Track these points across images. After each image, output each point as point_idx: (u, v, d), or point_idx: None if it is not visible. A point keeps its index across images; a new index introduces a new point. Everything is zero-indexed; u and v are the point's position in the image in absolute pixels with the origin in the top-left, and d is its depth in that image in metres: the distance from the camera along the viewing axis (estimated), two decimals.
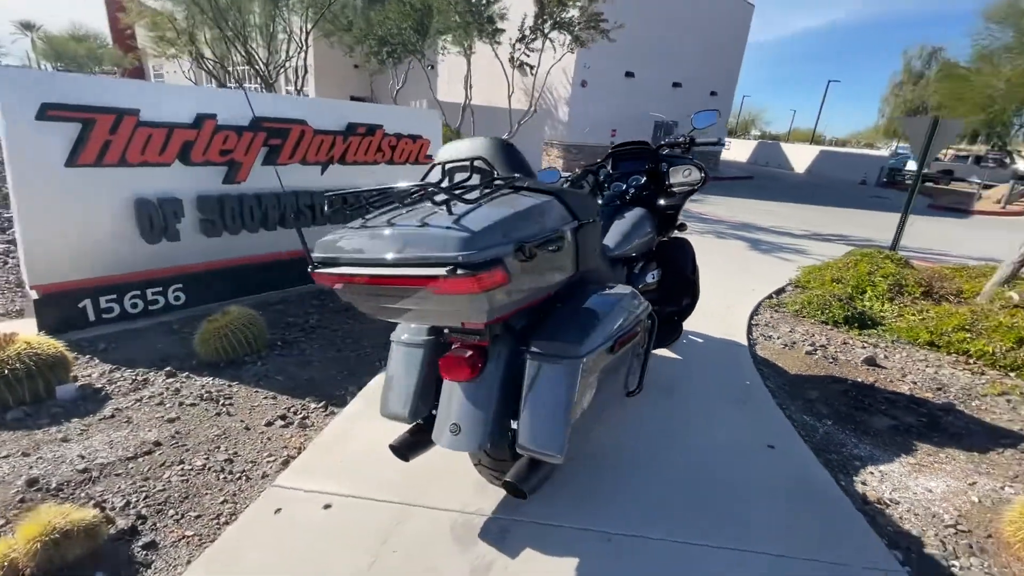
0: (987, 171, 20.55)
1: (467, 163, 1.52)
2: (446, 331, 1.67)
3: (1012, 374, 3.21)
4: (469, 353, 1.52)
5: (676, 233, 2.95)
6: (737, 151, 29.01)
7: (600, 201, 2.74)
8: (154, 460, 2.02)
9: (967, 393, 2.98)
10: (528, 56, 9.48)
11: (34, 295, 2.94)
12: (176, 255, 3.44)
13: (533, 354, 1.48)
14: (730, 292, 4.54)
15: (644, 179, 2.77)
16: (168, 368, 2.67)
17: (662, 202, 2.73)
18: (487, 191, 1.45)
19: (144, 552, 1.63)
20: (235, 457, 2.09)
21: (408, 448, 1.71)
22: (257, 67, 11.18)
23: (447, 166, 1.59)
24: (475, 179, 1.54)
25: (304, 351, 3.03)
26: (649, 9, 15.29)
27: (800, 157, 25.90)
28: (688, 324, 3.05)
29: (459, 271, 1.15)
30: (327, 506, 1.79)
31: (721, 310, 4.00)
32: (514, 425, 1.59)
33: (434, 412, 1.74)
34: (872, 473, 2.21)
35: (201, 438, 2.18)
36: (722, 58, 18.62)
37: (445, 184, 1.42)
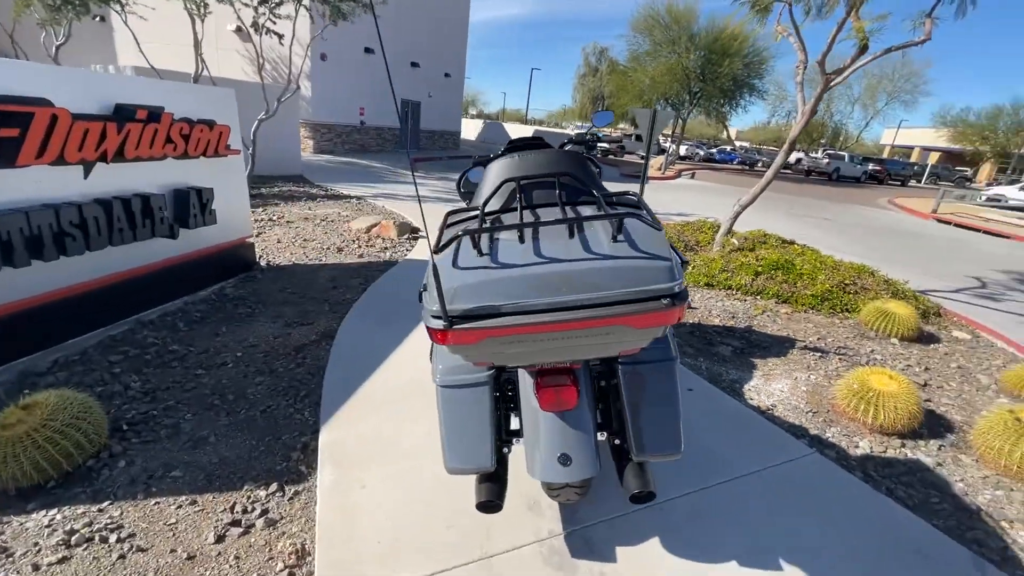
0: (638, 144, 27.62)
1: (552, 179, 1.41)
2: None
3: (758, 297, 4.65)
4: (570, 381, 1.46)
5: None
6: (467, 130, 31.39)
7: None
8: None
9: (748, 316, 4.20)
10: (275, 23, 8.18)
11: None
12: None
13: (629, 365, 1.52)
14: None
15: None
16: None
17: None
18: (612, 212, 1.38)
19: None
20: None
21: (498, 498, 1.54)
22: None
23: (522, 183, 1.43)
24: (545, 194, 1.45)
25: (177, 427, 2.21)
26: None
27: (519, 135, 29.74)
28: None
29: (675, 302, 1.12)
30: None
31: None
32: (600, 437, 1.62)
33: (505, 451, 1.61)
34: (749, 389, 2.98)
35: None
36: (450, 39, 19.61)
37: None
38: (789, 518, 1.93)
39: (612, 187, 1.70)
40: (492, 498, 1.52)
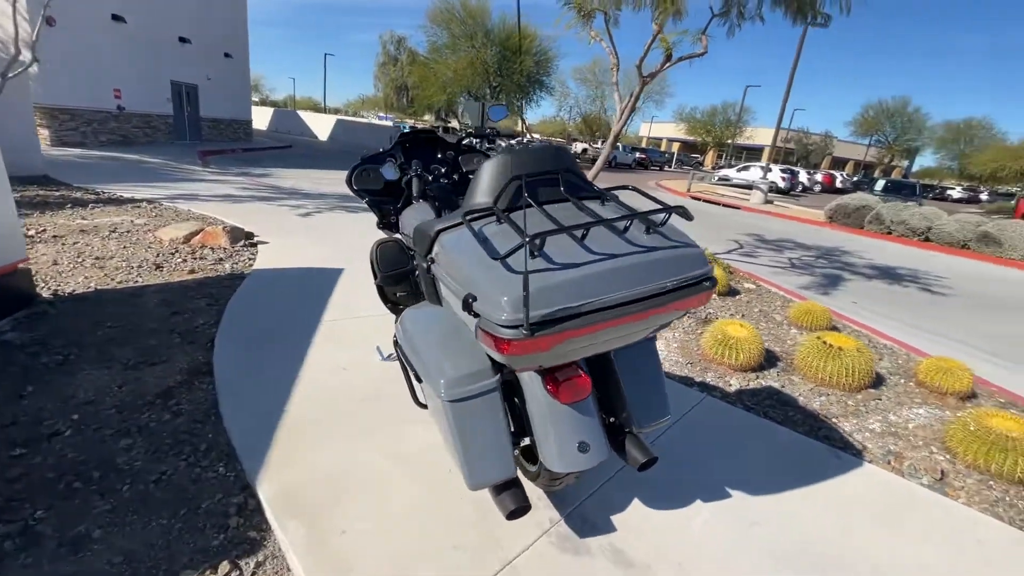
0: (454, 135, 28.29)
1: (555, 176, 1.41)
2: None
3: None
4: (582, 371, 1.51)
5: None
6: (256, 119, 27.84)
7: (431, 193, 2.63)
8: None
9: None
10: None
11: None
12: None
13: (623, 347, 1.63)
14: None
15: (445, 169, 2.83)
16: None
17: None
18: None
19: None
20: None
21: (526, 500, 1.51)
22: None
23: (525, 179, 1.39)
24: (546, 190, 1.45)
25: (29, 531, 1.58)
26: None
27: (319, 125, 27.53)
28: None
29: (713, 284, 1.24)
30: None
31: None
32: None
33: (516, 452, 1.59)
34: None
35: None
36: (225, 11, 16.96)
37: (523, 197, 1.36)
38: (712, 454, 2.31)
39: None
40: (522, 503, 1.49)
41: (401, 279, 2.81)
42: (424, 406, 1.93)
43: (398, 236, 2.83)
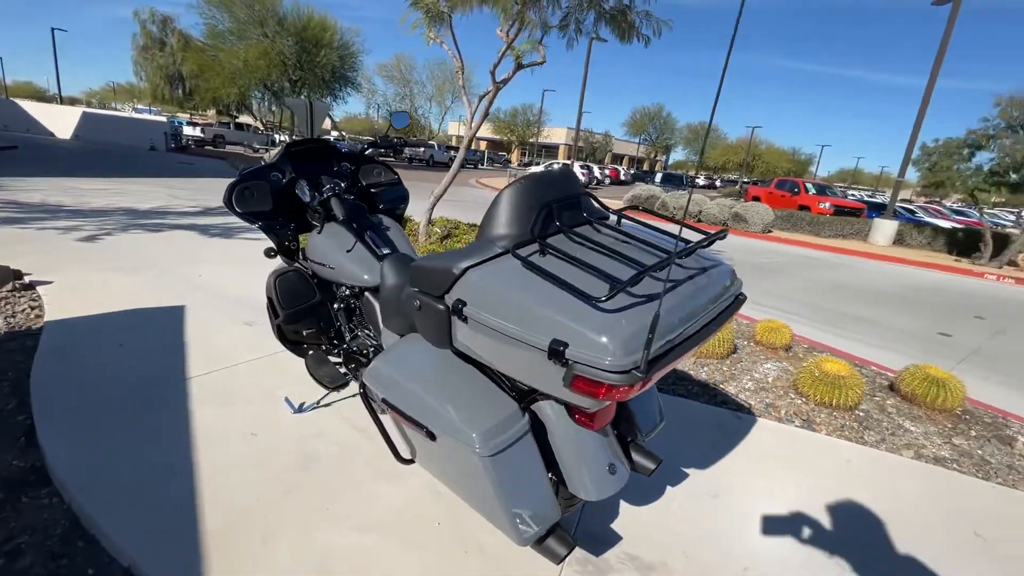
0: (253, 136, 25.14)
1: (576, 199, 1.34)
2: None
3: None
4: None
5: None
6: None
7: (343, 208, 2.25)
8: None
9: None
10: None
11: None
12: None
13: None
14: None
15: (345, 184, 2.48)
16: None
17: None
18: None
19: None
20: None
21: (573, 540, 1.43)
22: None
23: (554, 206, 1.30)
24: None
25: None
26: None
27: (58, 120, 21.58)
28: None
29: (743, 298, 1.32)
30: None
31: None
32: None
33: None
34: None
35: None
36: None
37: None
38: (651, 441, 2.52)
39: None
40: (571, 544, 1.41)
41: (305, 315, 2.42)
42: (408, 462, 1.70)
43: (298, 265, 2.42)
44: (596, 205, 1.53)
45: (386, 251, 2.16)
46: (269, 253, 2.43)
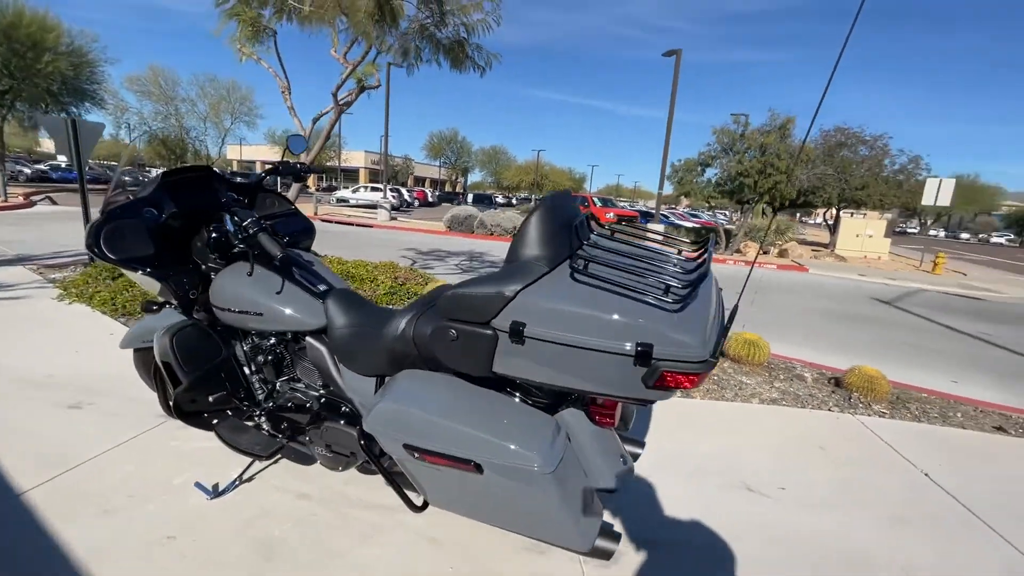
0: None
1: (584, 218, 1.45)
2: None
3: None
4: None
5: None
6: None
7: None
8: None
9: None
10: None
11: None
12: None
13: None
14: None
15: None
16: None
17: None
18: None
19: None
20: None
21: (617, 533, 1.50)
22: None
23: (575, 224, 1.38)
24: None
25: None
26: None
27: None
28: None
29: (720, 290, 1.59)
30: None
31: None
32: None
33: None
34: None
35: None
36: None
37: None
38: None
39: None
40: (617, 535, 1.50)
41: (211, 375, 2.03)
42: (421, 509, 1.59)
43: (196, 318, 2.01)
44: (593, 223, 1.67)
45: (323, 287, 1.94)
46: (149, 307, 1.95)
